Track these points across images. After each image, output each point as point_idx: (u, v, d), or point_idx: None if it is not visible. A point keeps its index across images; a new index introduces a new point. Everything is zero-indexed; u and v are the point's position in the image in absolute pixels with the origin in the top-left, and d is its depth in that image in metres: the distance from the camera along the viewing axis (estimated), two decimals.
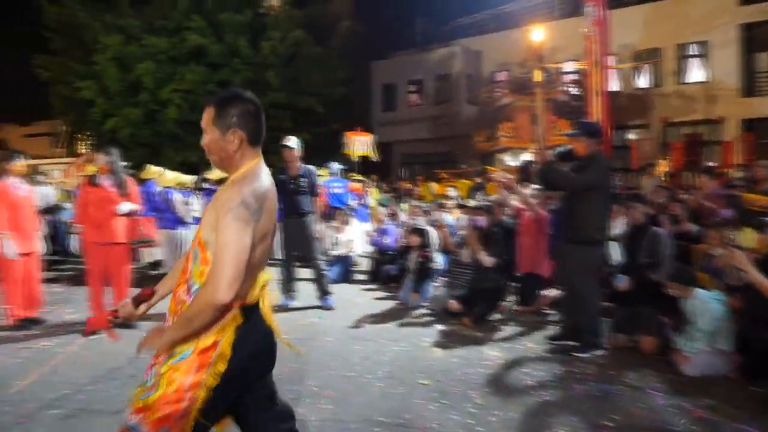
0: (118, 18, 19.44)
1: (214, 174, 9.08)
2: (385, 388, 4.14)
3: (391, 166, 26.89)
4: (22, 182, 5.99)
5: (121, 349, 5.02)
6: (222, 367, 1.92)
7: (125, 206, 5.77)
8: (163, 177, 8.67)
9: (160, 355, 1.94)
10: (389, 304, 7.00)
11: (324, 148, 22.09)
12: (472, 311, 5.93)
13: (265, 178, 2.02)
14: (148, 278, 8.73)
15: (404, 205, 11.11)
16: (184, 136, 19.56)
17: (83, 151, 28.19)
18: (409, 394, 4.03)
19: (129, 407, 1.95)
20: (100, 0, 20.23)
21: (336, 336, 5.52)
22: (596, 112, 12.71)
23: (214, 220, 1.87)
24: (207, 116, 2.01)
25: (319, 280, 6.85)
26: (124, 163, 6.38)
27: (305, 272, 7.25)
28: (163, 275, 2.30)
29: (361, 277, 8.80)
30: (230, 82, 18.93)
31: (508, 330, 5.80)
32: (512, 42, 24.16)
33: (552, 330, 5.62)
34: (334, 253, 8.79)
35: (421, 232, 6.98)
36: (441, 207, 8.74)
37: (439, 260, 7.20)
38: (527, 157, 16.29)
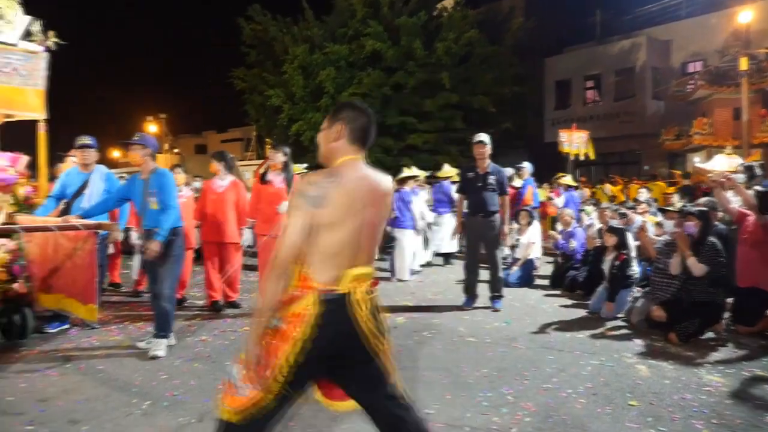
0: (304, 29, 20.84)
1: (409, 172, 9.14)
2: (589, 406, 3.78)
3: (563, 169, 25.62)
4: (221, 179, 6.53)
5: None
6: (303, 342, 2.03)
7: (285, 205, 5.99)
8: None
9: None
10: (578, 313, 6.53)
11: (498, 149, 21.73)
12: (680, 326, 5.27)
13: (348, 173, 2.14)
14: None
15: (588, 208, 10.40)
16: None
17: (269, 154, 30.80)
18: (618, 415, 3.63)
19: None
20: (289, 14, 21.94)
21: (526, 343, 5.23)
22: None
23: None
24: (326, 119, 2.28)
25: (494, 281, 6.65)
26: (304, 165, 6.76)
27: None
28: None
29: (542, 282, 8.37)
30: (404, 85, 19.35)
31: (726, 352, 5.06)
32: (708, 28, 21.75)
33: None
34: (516, 255, 8.47)
35: (618, 232, 6.39)
36: (633, 210, 7.97)
37: (636, 268, 6.56)
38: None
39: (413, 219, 8.59)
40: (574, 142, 13.20)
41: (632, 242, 6.60)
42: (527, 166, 10.66)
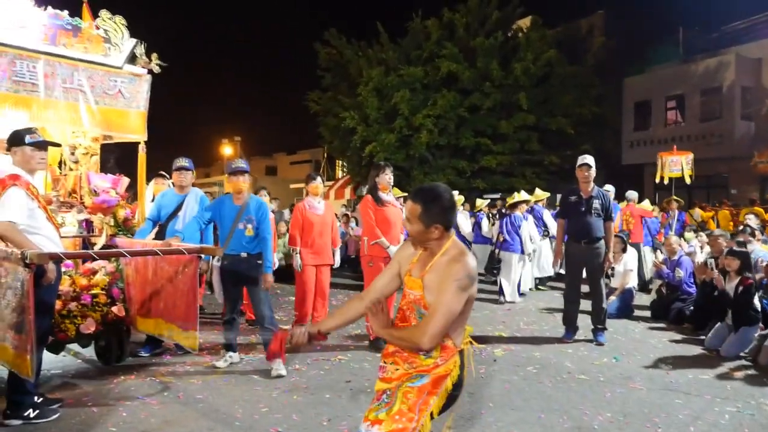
0: (379, 52, 20.92)
1: (515, 197, 9.16)
2: None
3: (643, 192, 24.45)
4: (318, 201, 6.43)
5: None
6: (443, 400, 2.25)
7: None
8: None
9: (392, 381, 2.28)
10: (692, 350, 5.95)
11: (573, 171, 20.92)
12: None
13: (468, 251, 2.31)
14: None
15: (689, 235, 9.69)
16: (432, 159, 20.16)
17: (340, 175, 31.05)
18: None
19: (363, 422, 2.21)
20: (364, 38, 22.14)
21: (645, 384, 4.74)
22: None
23: (437, 284, 2.19)
24: (414, 210, 2.24)
25: (598, 312, 6.18)
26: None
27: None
28: None
29: (639, 312, 7.77)
30: (480, 106, 19.00)
31: None
32: None
33: None
34: (612, 285, 7.92)
35: (741, 255, 5.79)
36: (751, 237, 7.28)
37: (756, 302, 5.93)
38: None
39: (521, 243, 8.71)
40: (674, 165, 12.50)
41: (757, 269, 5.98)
42: (611, 190, 10.10)
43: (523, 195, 9.21)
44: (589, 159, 6.18)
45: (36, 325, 3.36)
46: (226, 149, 34.80)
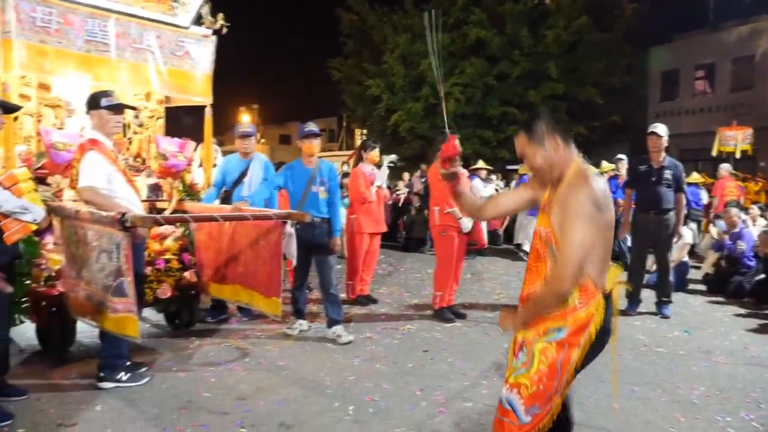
0: (403, 18, 20.47)
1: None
2: None
3: None
4: (373, 169, 6.38)
5: (484, 343, 4.91)
6: (585, 351, 2.10)
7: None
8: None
9: (526, 336, 2.16)
10: (763, 324, 5.82)
11: (602, 143, 20.57)
12: None
13: (593, 174, 2.15)
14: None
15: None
16: (456, 129, 19.89)
17: (359, 144, 30.77)
18: None
19: (504, 384, 2.17)
20: (387, 3, 21.64)
21: (727, 358, 4.64)
22: None
23: (561, 221, 2.07)
24: (522, 141, 2.20)
25: (664, 285, 6.07)
26: (394, 157, 6.77)
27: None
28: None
29: (694, 286, 7.64)
30: (508, 74, 18.63)
31: None
32: None
33: None
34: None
35: None
36: None
37: None
38: None
39: None
40: (729, 140, 12.48)
41: None
42: (625, 159, 9.92)
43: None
44: (659, 127, 5.97)
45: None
46: (244, 117, 34.59)
